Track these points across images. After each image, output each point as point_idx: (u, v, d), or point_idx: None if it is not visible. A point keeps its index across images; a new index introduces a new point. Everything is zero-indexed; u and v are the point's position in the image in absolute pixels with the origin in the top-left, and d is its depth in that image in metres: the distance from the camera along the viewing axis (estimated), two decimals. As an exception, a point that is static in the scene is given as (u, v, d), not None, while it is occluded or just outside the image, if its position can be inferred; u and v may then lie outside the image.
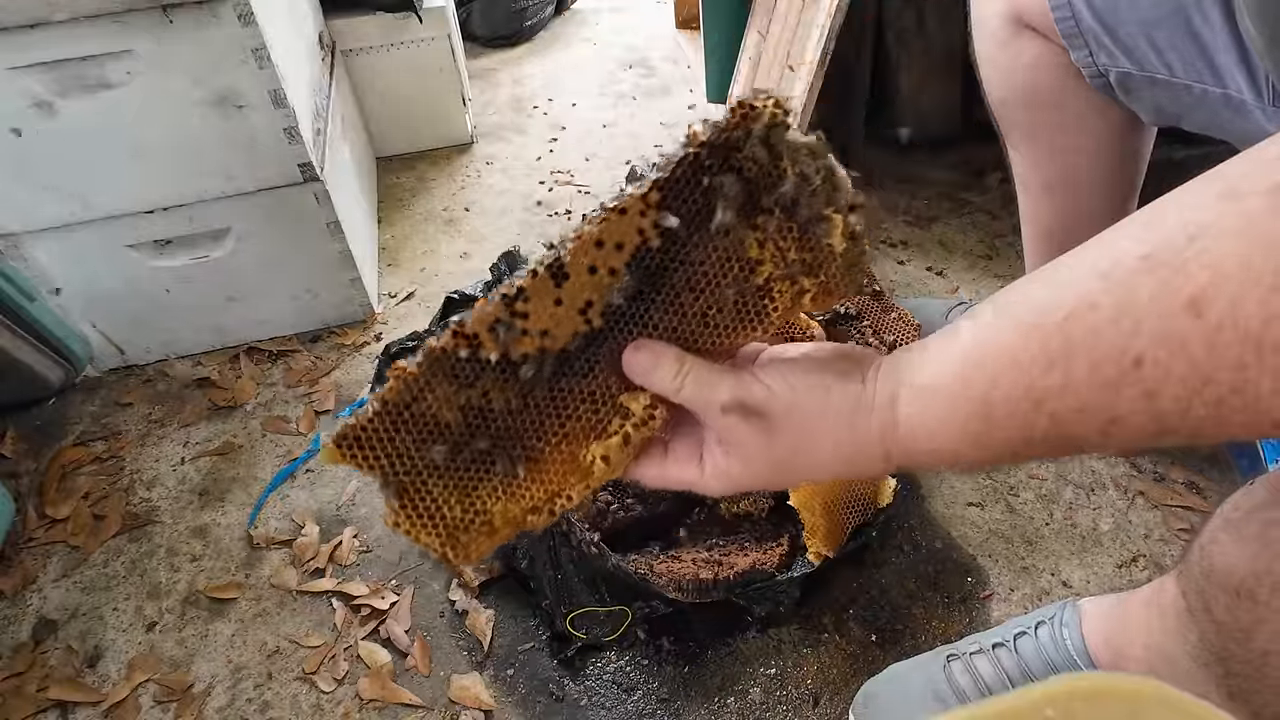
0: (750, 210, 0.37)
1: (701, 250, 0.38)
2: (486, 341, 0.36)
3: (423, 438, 0.38)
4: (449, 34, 1.57)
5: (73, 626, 0.92)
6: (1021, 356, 0.31)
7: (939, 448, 0.34)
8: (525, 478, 0.40)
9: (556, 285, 0.36)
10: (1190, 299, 0.26)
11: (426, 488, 0.39)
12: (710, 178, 0.36)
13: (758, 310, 0.39)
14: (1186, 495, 0.95)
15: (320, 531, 1.00)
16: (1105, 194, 0.87)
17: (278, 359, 1.25)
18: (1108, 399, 0.29)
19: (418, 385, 0.37)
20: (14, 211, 1.05)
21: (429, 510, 0.39)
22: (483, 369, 0.37)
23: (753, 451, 0.37)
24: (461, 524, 0.40)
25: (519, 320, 0.36)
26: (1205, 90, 0.64)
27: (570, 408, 0.39)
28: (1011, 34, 0.79)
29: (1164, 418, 0.28)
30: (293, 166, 1.10)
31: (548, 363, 0.38)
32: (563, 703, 0.82)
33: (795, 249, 0.38)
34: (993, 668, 0.71)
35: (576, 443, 0.40)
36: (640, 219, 0.36)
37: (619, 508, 0.88)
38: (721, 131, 0.35)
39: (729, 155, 0.36)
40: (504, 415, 0.39)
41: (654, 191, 0.36)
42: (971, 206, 1.43)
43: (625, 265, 0.37)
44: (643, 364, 0.38)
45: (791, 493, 0.82)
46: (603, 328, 0.38)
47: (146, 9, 0.93)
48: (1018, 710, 0.18)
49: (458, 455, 0.39)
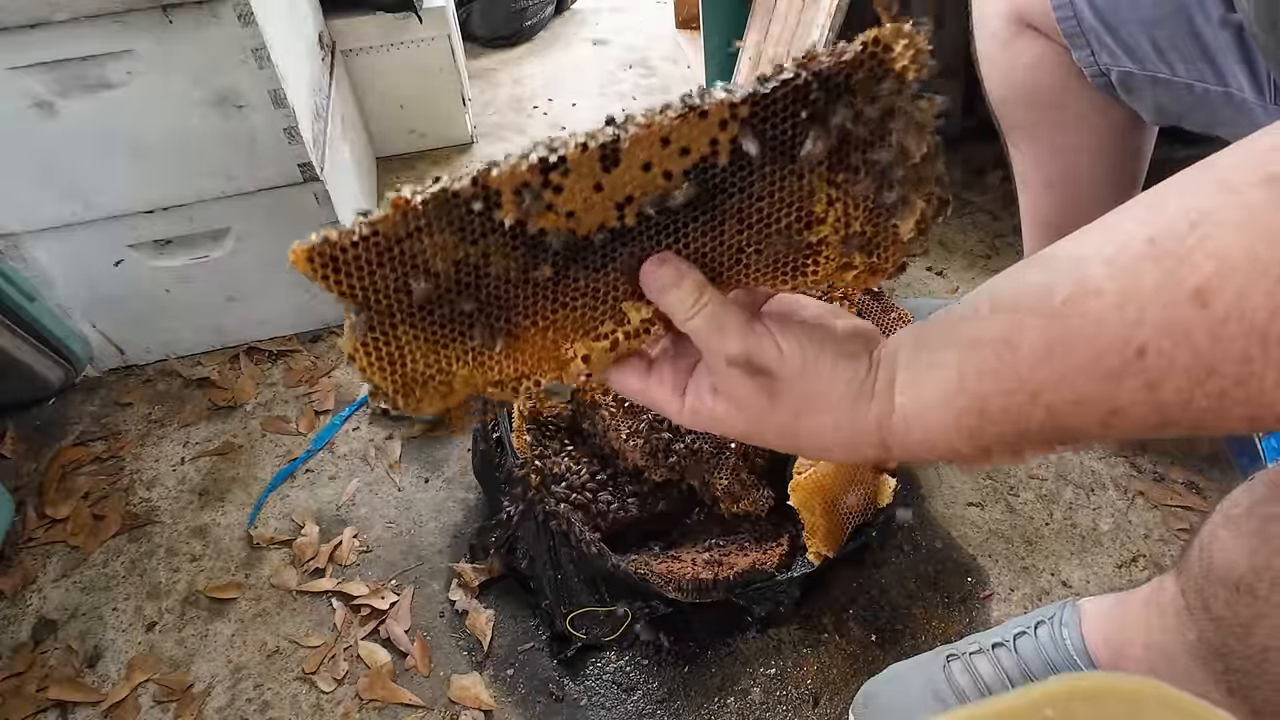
0: (836, 163, 0.34)
1: (767, 185, 0.34)
2: (507, 203, 0.32)
3: (405, 279, 0.34)
4: (449, 34, 1.57)
5: (72, 626, 0.92)
6: (1018, 343, 0.30)
7: (933, 440, 0.33)
8: (500, 352, 0.37)
9: (604, 169, 0.32)
10: (1196, 289, 0.26)
11: (395, 333, 0.35)
12: (809, 112, 0.32)
13: (797, 268, 0.36)
14: (1186, 495, 0.95)
15: (320, 531, 1.00)
16: (1106, 192, 0.87)
17: (278, 359, 1.25)
18: (1108, 390, 0.28)
19: (416, 222, 0.33)
20: (14, 211, 1.05)
21: (391, 356, 0.36)
22: (492, 229, 0.33)
23: (746, 408, 0.36)
24: (421, 378, 0.37)
25: (549, 193, 0.32)
26: (1207, 89, 0.64)
27: (569, 297, 0.36)
28: (1013, 33, 0.79)
29: (1166, 409, 0.27)
30: (293, 166, 1.10)
31: (563, 245, 0.34)
32: (563, 703, 0.82)
33: (862, 221, 0.35)
34: (992, 668, 0.71)
35: (562, 334, 0.37)
36: (719, 130, 0.32)
37: (619, 508, 0.88)
38: (842, 67, 0.31)
39: (840, 96, 0.32)
40: (498, 283, 0.35)
41: (745, 105, 0.32)
42: (972, 206, 1.43)
43: (683, 173, 0.33)
44: (662, 280, 0.35)
45: (792, 493, 0.82)
46: (633, 228, 0.35)
47: (146, 9, 0.93)
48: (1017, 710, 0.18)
49: (437, 309, 0.35)
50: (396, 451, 1.09)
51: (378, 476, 1.06)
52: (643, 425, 0.89)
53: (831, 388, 0.34)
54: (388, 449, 1.09)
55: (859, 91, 0.32)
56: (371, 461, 1.08)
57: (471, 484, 1.03)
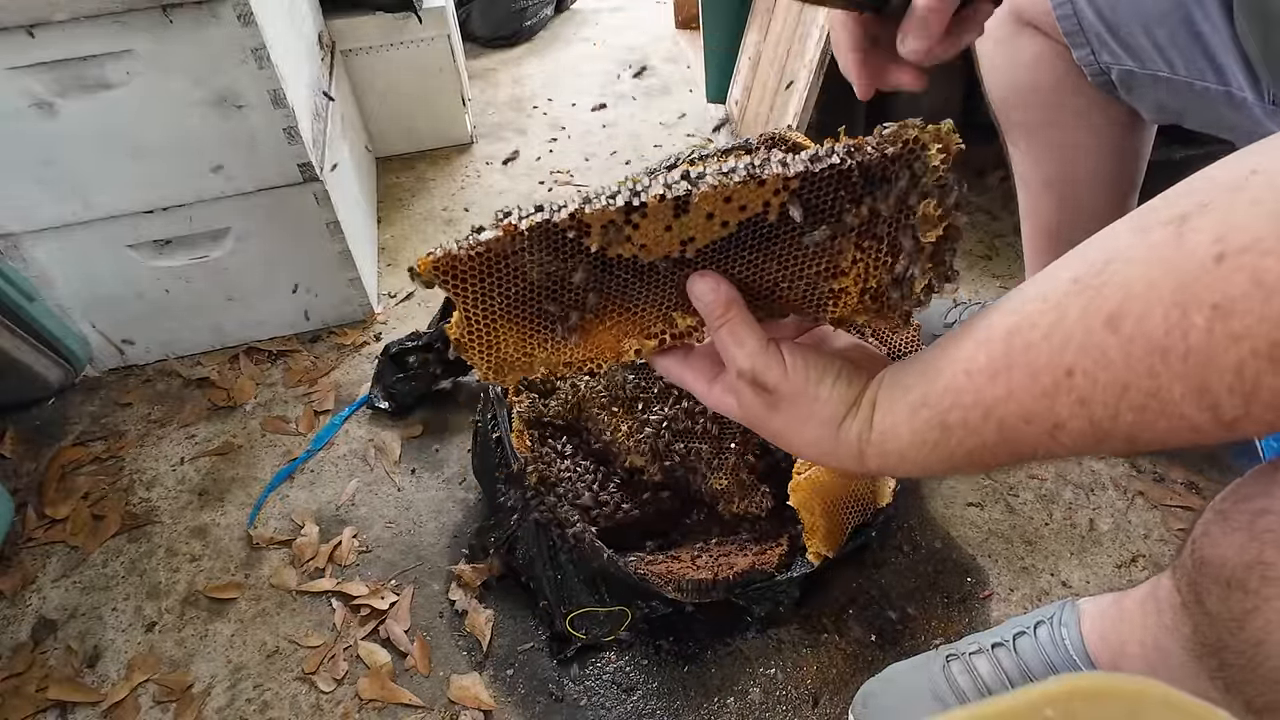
0: (864, 232, 0.41)
1: (805, 239, 0.41)
2: (595, 234, 0.40)
3: (506, 284, 0.42)
4: (449, 34, 1.57)
5: (72, 626, 0.92)
6: (971, 367, 0.35)
7: (905, 452, 0.38)
8: (574, 344, 0.46)
9: (675, 215, 0.40)
10: (1109, 315, 0.30)
11: (494, 324, 0.44)
12: (849, 193, 0.40)
13: (819, 307, 0.44)
14: (1185, 495, 0.95)
15: (320, 531, 1.00)
16: (1105, 191, 0.87)
17: (277, 359, 1.25)
18: (1048, 406, 0.32)
19: (519, 243, 0.41)
20: (14, 211, 1.05)
21: (489, 342, 0.44)
22: (578, 251, 0.41)
23: (749, 411, 0.43)
24: (509, 360, 0.45)
25: (629, 229, 0.40)
26: (1207, 88, 0.64)
27: (632, 306, 0.45)
28: (1012, 32, 0.79)
29: (1099, 423, 0.31)
30: (292, 166, 1.10)
31: (633, 266, 0.43)
32: (562, 703, 0.82)
33: (878, 279, 0.42)
34: (992, 668, 0.71)
35: (623, 332, 0.45)
36: (772, 195, 0.39)
37: (619, 508, 0.88)
38: (884, 160, 0.38)
39: (877, 184, 0.39)
40: (577, 291, 0.43)
41: (796, 180, 0.39)
42: (971, 206, 1.43)
43: (739, 224, 0.41)
44: (701, 290, 0.42)
45: (792, 493, 0.82)
46: (691, 259, 0.42)
47: (146, 9, 0.93)
48: (1017, 710, 0.18)
49: (527, 308, 0.44)
50: (396, 451, 1.09)
51: (377, 476, 1.06)
52: (643, 426, 0.89)
53: (823, 408, 0.40)
54: (387, 449, 1.09)
55: (892, 182, 0.39)
56: (371, 461, 1.08)
57: (471, 484, 1.03)
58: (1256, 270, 0.27)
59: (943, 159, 0.37)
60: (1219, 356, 0.28)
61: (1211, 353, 0.28)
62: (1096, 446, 0.33)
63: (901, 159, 0.38)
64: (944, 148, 0.37)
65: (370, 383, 1.16)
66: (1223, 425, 0.29)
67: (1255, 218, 0.28)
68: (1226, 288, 0.28)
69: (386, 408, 1.13)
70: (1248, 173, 0.29)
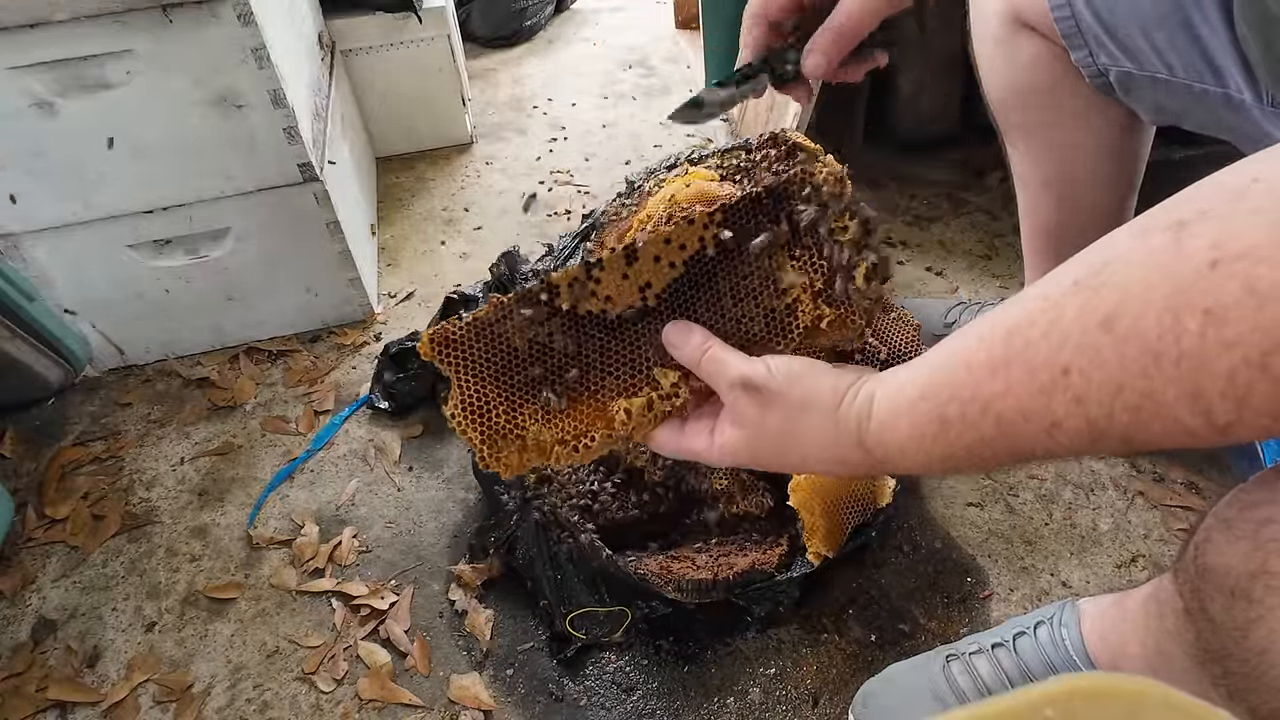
0: (792, 244, 0.47)
1: (746, 266, 0.47)
2: (564, 293, 0.46)
3: (494, 351, 0.48)
4: (449, 34, 1.57)
5: (72, 626, 0.92)
6: (972, 362, 0.36)
7: (904, 445, 0.38)
8: (562, 411, 0.49)
9: (628, 264, 0.46)
10: (1104, 317, 0.31)
11: (484, 391, 0.48)
12: (764, 213, 0.46)
13: (783, 325, 0.48)
14: (1186, 495, 0.95)
15: (320, 531, 1.00)
16: (1104, 192, 0.87)
17: (277, 359, 1.25)
18: (1044, 403, 0.33)
19: (503, 311, 0.47)
20: (14, 211, 1.04)
21: (481, 409, 0.48)
22: (554, 313, 0.47)
23: (751, 424, 0.44)
24: (501, 432, 0.49)
25: (592, 283, 0.46)
26: (1205, 90, 0.64)
27: (612, 366, 0.49)
28: (1010, 33, 0.79)
29: (1095, 422, 0.32)
30: (292, 166, 1.10)
31: (604, 322, 0.48)
32: (562, 703, 0.82)
33: (822, 281, 0.47)
34: (992, 668, 0.71)
35: (608, 396, 0.49)
36: (704, 231, 0.46)
37: (619, 508, 0.88)
38: (783, 184, 0.46)
39: (784, 200, 0.46)
40: (560, 355, 0.48)
41: (719, 213, 0.46)
42: (971, 206, 1.43)
43: (684, 262, 0.47)
44: (672, 336, 0.46)
45: (791, 493, 0.82)
46: (655, 308, 0.48)
47: (146, 9, 0.93)
48: (1017, 710, 0.18)
49: (515, 374, 0.48)
50: (396, 451, 1.09)
51: (377, 476, 1.06)
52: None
53: (817, 394, 0.42)
54: (387, 449, 1.09)
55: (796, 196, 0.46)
56: (371, 461, 1.08)
57: (471, 484, 1.03)
58: (1250, 277, 0.27)
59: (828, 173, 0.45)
60: (1211, 362, 0.28)
61: (1204, 358, 0.28)
62: (1094, 446, 0.33)
63: (797, 178, 0.46)
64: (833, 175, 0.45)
65: (370, 383, 1.16)
66: (1216, 429, 0.29)
67: (1253, 226, 0.28)
68: (1220, 294, 0.28)
69: (386, 408, 1.13)
70: (1249, 181, 0.29)
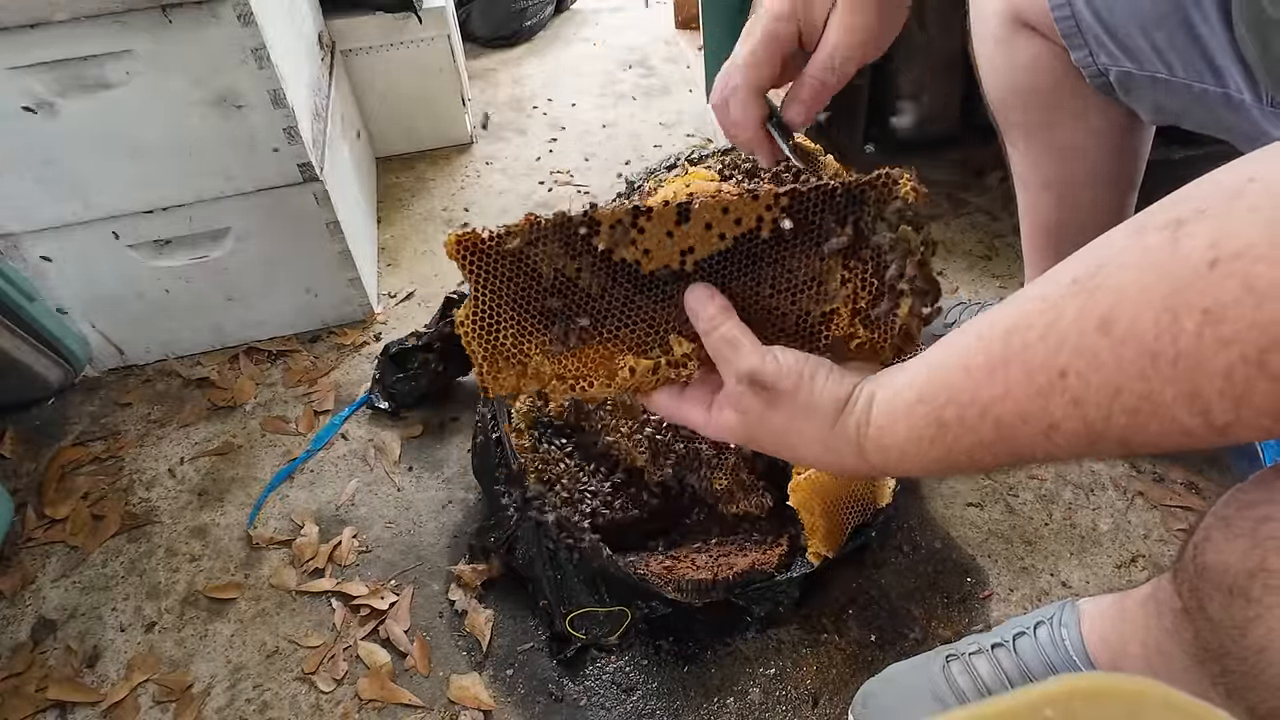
0: (850, 253, 0.45)
1: (796, 260, 0.45)
2: (604, 231, 0.43)
3: (517, 272, 0.45)
4: (449, 34, 1.57)
5: (72, 626, 0.92)
6: (970, 364, 0.35)
7: (904, 448, 0.38)
8: (568, 351, 0.47)
9: (677, 222, 0.43)
10: (1101, 318, 0.30)
11: (498, 308, 0.46)
12: (833, 212, 0.44)
13: (813, 331, 0.46)
14: (1185, 495, 0.95)
15: (319, 531, 1.00)
16: (1104, 191, 0.87)
17: (277, 359, 1.25)
18: (1042, 405, 0.32)
19: (537, 233, 0.44)
20: (14, 211, 1.05)
21: (490, 325, 0.46)
22: (588, 250, 0.44)
23: (753, 414, 0.43)
24: (505, 353, 0.47)
25: (635, 231, 0.43)
26: (1205, 90, 0.64)
27: (631, 321, 0.47)
28: (1010, 33, 0.79)
29: (1093, 424, 0.32)
30: (292, 166, 1.10)
31: (636, 274, 0.45)
32: (562, 703, 0.82)
33: (867, 301, 0.45)
34: (991, 668, 0.71)
35: (618, 348, 0.47)
36: (765, 210, 0.43)
37: (619, 507, 0.88)
38: (863, 186, 0.43)
39: (858, 204, 0.44)
40: (582, 294, 0.46)
41: (786, 197, 0.43)
42: (971, 206, 1.43)
43: (734, 238, 0.44)
44: (694, 299, 0.44)
45: (792, 493, 0.82)
46: (690, 274, 0.45)
47: (146, 9, 0.93)
48: (1017, 710, 0.18)
49: (533, 301, 0.46)
50: (396, 451, 1.09)
51: (377, 476, 1.06)
52: (643, 425, 0.89)
53: (821, 400, 0.41)
54: (387, 449, 1.09)
55: (870, 205, 0.43)
56: (371, 461, 1.08)
57: (471, 484, 1.03)
58: (1248, 276, 0.27)
59: (912, 188, 0.43)
60: (1209, 361, 0.28)
61: (1201, 357, 0.28)
62: (1092, 448, 0.33)
63: (878, 185, 0.43)
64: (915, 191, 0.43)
65: (370, 383, 1.16)
66: (1215, 430, 0.29)
67: (1251, 224, 0.28)
68: (1218, 293, 0.28)
69: (386, 408, 1.13)
70: (1246, 179, 0.29)
